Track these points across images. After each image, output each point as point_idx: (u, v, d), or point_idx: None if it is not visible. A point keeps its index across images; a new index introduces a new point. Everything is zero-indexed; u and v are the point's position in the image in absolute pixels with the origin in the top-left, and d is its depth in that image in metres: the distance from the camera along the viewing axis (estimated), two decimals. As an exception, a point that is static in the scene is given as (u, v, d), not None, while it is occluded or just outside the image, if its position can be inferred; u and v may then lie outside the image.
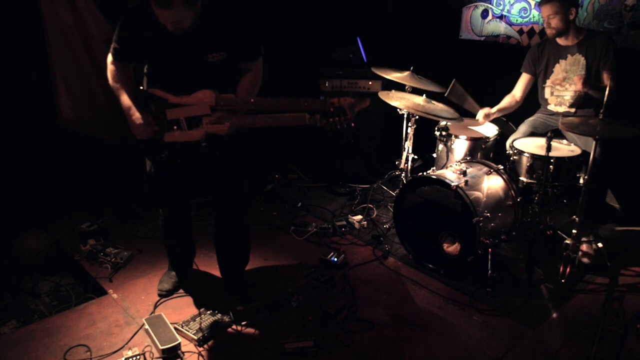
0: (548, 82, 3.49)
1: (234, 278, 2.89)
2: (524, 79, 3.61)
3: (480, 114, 3.63)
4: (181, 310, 2.71)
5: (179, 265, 2.95)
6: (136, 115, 2.37)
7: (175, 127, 2.39)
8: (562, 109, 3.49)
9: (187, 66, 2.33)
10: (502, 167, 3.20)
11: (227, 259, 2.89)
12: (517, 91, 3.64)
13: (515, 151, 3.25)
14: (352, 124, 2.26)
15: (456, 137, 3.47)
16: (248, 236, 2.89)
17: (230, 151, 2.53)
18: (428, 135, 3.70)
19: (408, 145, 3.65)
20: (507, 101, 3.65)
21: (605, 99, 2.71)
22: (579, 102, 3.41)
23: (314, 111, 2.27)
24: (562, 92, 3.45)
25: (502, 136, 3.60)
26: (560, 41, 3.37)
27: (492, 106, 3.66)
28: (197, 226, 3.19)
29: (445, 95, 3.57)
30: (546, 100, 3.55)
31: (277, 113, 2.33)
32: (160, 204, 2.80)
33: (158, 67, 2.41)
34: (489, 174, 3.09)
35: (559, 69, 3.42)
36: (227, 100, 2.34)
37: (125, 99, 2.40)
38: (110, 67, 2.43)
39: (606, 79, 3.19)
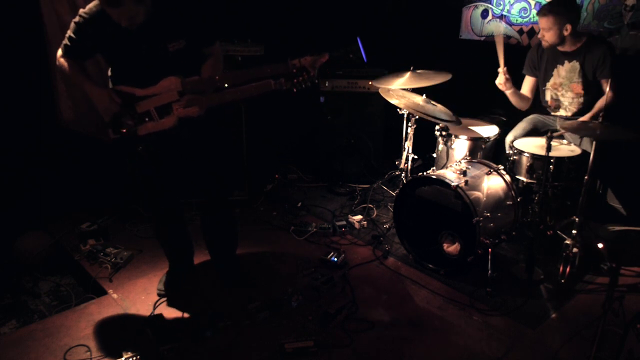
0: (548, 85, 3.48)
1: (227, 266, 2.92)
2: (528, 81, 3.59)
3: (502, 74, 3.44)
4: (181, 310, 2.71)
5: (179, 264, 2.96)
6: (97, 93, 2.38)
7: (147, 119, 2.42)
8: (561, 113, 3.48)
9: (150, 59, 2.34)
10: (502, 167, 3.20)
11: (216, 245, 2.92)
12: (525, 91, 3.61)
13: (515, 151, 3.25)
14: (316, 80, 2.28)
15: (456, 137, 3.47)
16: (234, 221, 2.93)
17: (204, 134, 2.56)
18: (428, 135, 3.69)
19: (408, 145, 3.64)
20: (520, 94, 3.56)
21: (603, 104, 2.71)
22: (580, 108, 3.39)
23: (278, 75, 2.30)
24: (559, 96, 3.45)
25: (502, 136, 3.59)
26: (559, 46, 3.35)
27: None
28: (196, 226, 3.19)
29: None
30: (546, 102, 3.54)
31: (243, 85, 2.36)
32: (152, 205, 2.81)
33: (121, 65, 2.42)
34: (489, 174, 3.09)
35: (557, 74, 3.41)
36: (193, 83, 2.38)
37: (82, 84, 2.41)
38: (60, 60, 2.42)
39: (606, 86, 3.18)
